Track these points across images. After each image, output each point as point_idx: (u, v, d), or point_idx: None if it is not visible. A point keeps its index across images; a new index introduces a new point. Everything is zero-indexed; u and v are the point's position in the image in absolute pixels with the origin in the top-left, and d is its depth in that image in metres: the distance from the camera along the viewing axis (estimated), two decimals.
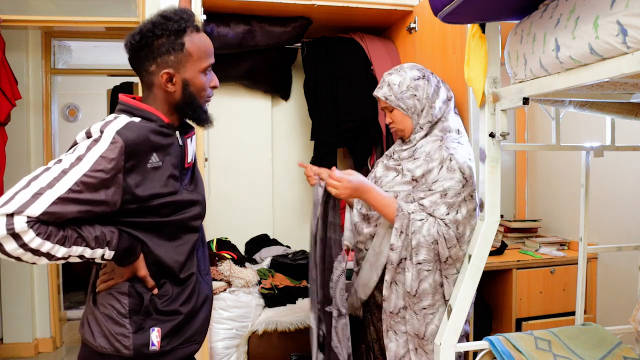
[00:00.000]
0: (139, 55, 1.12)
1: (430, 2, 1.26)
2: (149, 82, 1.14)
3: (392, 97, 1.61)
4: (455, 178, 1.50)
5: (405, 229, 1.49)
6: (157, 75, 1.11)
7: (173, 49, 1.10)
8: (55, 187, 0.95)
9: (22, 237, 0.91)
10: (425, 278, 1.50)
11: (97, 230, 1.02)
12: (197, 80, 1.15)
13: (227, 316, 2.11)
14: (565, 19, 1.06)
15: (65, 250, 0.97)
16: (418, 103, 1.60)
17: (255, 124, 2.77)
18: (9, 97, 2.48)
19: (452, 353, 1.42)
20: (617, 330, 1.65)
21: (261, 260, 2.61)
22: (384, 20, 2.39)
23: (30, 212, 0.91)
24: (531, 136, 2.88)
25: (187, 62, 1.12)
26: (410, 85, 1.60)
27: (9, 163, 2.62)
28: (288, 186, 2.87)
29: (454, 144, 1.56)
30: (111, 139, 1.01)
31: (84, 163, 0.98)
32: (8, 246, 0.90)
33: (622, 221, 2.25)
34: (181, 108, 1.16)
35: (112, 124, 1.05)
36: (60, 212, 0.94)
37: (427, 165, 1.56)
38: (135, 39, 1.10)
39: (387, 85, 1.63)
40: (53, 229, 0.94)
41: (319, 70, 2.45)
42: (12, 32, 2.77)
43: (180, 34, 1.11)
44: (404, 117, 1.62)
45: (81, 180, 0.96)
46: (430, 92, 1.61)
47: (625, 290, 2.19)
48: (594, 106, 1.56)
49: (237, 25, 2.24)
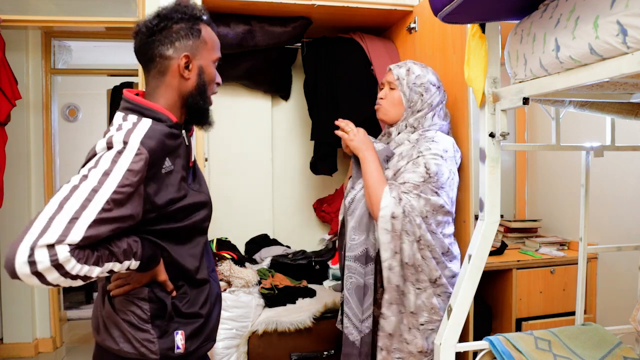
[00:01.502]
0: (153, 40, 1.08)
1: (430, 2, 1.26)
2: (162, 69, 1.09)
3: (403, 81, 1.65)
4: (417, 172, 1.55)
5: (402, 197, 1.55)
6: (175, 59, 1.08)
7: (191, 34, 1.09)
8: (89, 208, 0.90)
9: (64, 267, 0.86)
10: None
11: (124, 244, 0.99)
12: (210, 69, 1.14)
13: (227, 316, 2.11)
14: (565, 19, 1.06)
15: (99, 269, 0.94)
16: (420, 103, 1.62)
17: (255, 124, 2.77)
18: (9, 97, 2.48)
19: (452, 353, 1.42)
20: (617, 330, 1.65)
21: (261, 260, 2.61)
22: (384, 20, 2.39)
23: (71, 240, 0.87)
24: (531, 136, 2.88)
25: (203, 49, 1.11)
26: (424, 83, 1.64)
27: (9, 163, 2.62)
28: (288, 186, 2.87)
29: (427, 143, 1.59)
30: (136, 151, 0.97)
31: (112, 179, 0.94)
32: (50, 276, 0.86)
33: (622, 221, 2.25)
34: (193, 99, 1.13)
35: (135, 133, 1.01)
36: (96, 235, 0.91)
37: (397, 165, 1.61)
38: (153, 22, 1.08)
39: (407, 70, 1.66)
40: (89, 252, 0.91)
41: (319, 70, 2.45)
42: (12, 32, 2.77)
43: (197, 21, 1.11)
44: (399, 104, 1.66)
45: (111, 198, 0.93)
46: (434, 103, 1.64)
47: (625, 290, 2.19)
48: (594, 106, 1.56)
49: (237, 25, 2.24)
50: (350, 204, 1.64)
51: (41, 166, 3.03)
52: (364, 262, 1.61)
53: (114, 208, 0.93)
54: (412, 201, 1.53)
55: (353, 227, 1.62)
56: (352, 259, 1.61)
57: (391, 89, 1.67)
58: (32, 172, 3.00)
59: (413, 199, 1.53)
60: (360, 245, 1.61)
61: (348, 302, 1.61)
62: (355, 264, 1.60)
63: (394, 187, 1.54)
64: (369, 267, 1.61)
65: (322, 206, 2.84)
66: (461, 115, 1.85)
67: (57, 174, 3.17)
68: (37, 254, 0.84)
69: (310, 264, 2.54)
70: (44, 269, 0.84)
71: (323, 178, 2.80)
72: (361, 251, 1.61)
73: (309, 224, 2.88)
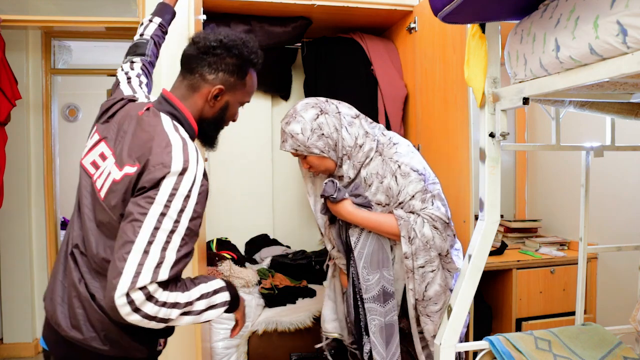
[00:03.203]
0: (204, 58, 1.12)
1: (430, 2, 1.26)
2: (195, 85, 1.13)
3: (301, 147, 1.53)
4: (413, 180, 1.51)
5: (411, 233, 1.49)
6: (210, 85, 1.13)
7: (237, 73, 1.14)
8: (169, 250, 0.97)
9: (154, 296, 0.94)
10: (433, 280, 1.50)
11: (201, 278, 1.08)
12: (234, 109, 1.20)
13: (227, 316, 2.11)
14: (565, 19, 1.06)
15: (188, 294, 1.01)
16: (329, 140, 1.53)
17: (255, 124, 2.77)
18: (9, 97, 2.48)
19: (452, 353, 1.42)
20: (617, 330, 1.65)
21: (261, 260, 2.61)
22: (384, 20, 2.39)
23: (160, 279, 0.94)
24: (531, 136, 2.88)
25: (239, 90, 1.17)
26: (313, 127, 1.52)
27: (9, 163, 2.62)
28: (288, 186, 2.87)
29: (392, 151, 1.55)
30: (200, 186, 1.02)
31: (186, 215, 0.99)
32: (147, 309, 0.94)
33: (622, 221, 2.25)
34: (207, 125, 1.18)
35: (199, 158, 1.04)
36: (179, 269, 0.98)
37: (382, 185, 1.54)
38: (213, 44, 1.12)
39: (291, 137, 1.54)
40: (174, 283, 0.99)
41: (319, 70, 2.45)
42: (12, 32, 2.77)
43: (249, 65, 1.17)
44: (322, 159, 1.56)
45: (186, 234, 0.99)
46: (336, 122, 1.55)
47: (625, 290, 2.19)
48: (594, 106, 1.56)
49: (237, 25, 2.24)
50: (355, 245, 1.57)
51: (41, 166, 3.03)
52: (382, 302, 1.55)
53: (189, 242, 1.00)
54: (433, 211, 1.49)
55: (364, 267, 1.56)
56: (371, 300, 1.55)
57: (303, 158, 1.58)
58: (32, 172, 3.00)
59: (432, 209, 1.49)
60: (376, 284, 1.55)
61: (375, 346, 1.54)
62: (374, 305, 1.55)
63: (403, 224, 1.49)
64: (388, 305, 1.55)
65: None
66: (461, 115, 1.85)
67: (57, 174, 3.16)
68: (132, 294, 0.93)
69: (310, 264, 2.54)
70: (140, 304, 0.93)
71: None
72: (378, 291, 1.55)
73: (309, 224, 2.88)
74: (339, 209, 1.55)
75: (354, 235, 1.58)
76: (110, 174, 1.06)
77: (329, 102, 1.59)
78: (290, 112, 1.58)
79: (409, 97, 2.35)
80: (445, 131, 1.99)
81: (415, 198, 1.50)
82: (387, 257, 1.55)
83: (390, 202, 1.54)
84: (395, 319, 1.56)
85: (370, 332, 1.55)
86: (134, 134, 1.07)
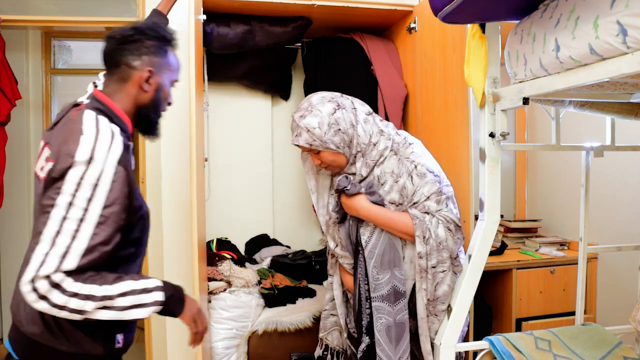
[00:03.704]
0: (124, 47, 1.16)
1: (430, 2, 1.26)
2: (124, 76, 1.17)
3: (317, 142, 1.48)
4: (429, 181, 1.50)
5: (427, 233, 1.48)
6: (139, 70, 1.16)
7: (159, 52, 1.19)
8: (78, 239, 0.98)
9: (61, 285, 0.95)
10: (442, 280, 1.49)
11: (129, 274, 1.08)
12: (167, 88, 1.24)
13: (227, 316, 2.11)
14: (565, 19, 1.06)
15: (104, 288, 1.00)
16: (345, 136, 1.50)
17: (255, 124, 2.77)
18: (9, 97, 2.48)
19: (452, 353, 1.42)
20: (617, 330, 1.65)
21: (261, 260, 2.61)
22: (384, 20, 2.39)
23: (66, 268, 0.96)
24: (531, 136, 2.88)
25: (165, 69, 1.21)
26: (330, 122, 1.48)
27: (9, 163, 2.62)
28: (288, 186, 2.87)
29: (409, 150, 1.54)
30: (113, 174, 1.02)
31: (96, 203, 1.00)
32: (55, 299, 0.95)
33: (622, 221, 2.25)
34: (146, 111, 1.20)
35: (111, 151, 1.04)
36: (91, 260, 0.98)
37: (396, 185, 1.53)
38: (128, 32, 1.17)
39: (307, 131, 1.48)
40: (90, 274, 0.99)
41: (319, 70, 2.45)
42: (12, 32, 2.77)
43: (168, 43, 1.22)
44: (336, 155, 1.52)
45: (99, 223, 0.99)
46: (352, 118, 1.52)
47: (625, 290, 2.19)
48: (594, 106, 1.56)
49: (237, 25, 2.24)
50: (367, 243, 1.55)
51: None
52: (392, 301, 1.52)
53: (106, 230, 1.01)
54: (448, 213, 1.48)
55: (375, 267, 1.53)
56: (380, 299, 1.52)
57: (316, 153, 1.54)
58: (32, 172, 3.00)
59: (446, 211, 1.49)
60: (386, 284, 1.52)
61: (380, 344, 1.52)
62: (383, 304, 1.52)
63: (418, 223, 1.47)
64: (399, 305, 1.52)
65: None
66: (461, 115, 1.85)
67: None
68: (36, 283, 0.95)
69: (310, 264, 2.54)
70: (45, 292, 0.95)
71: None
72: (388, 290, 1.52)
73: (309, 224, 2.88)
74: (353, 203, 1.53)
75: (365, 233, 1.55)
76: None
77: (344, 97, 1.57)
78: (304, 105, 1.53)
79: (409, 97, 2.35)
80: (445, 131, 1.99)
81: (431, 199, 1.49)
82: (398, 257, 1.53)
83: (404, 201, 1.52)
84: (406, 318, 1.53)
85: (375, 330, 1.53)
86: (58, 133, 1.10)
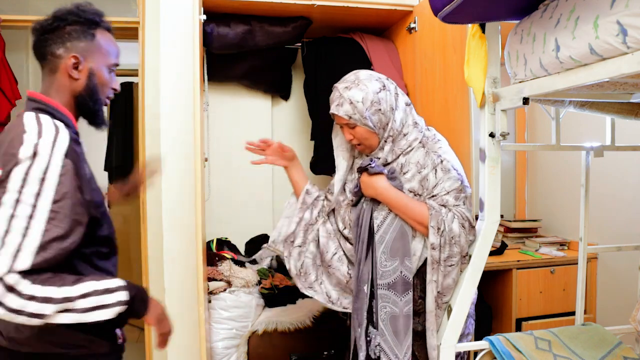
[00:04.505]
0: (46, 37, 1.12)
1: (430, 2, 1.26)
2: (53, 67, 1.12)
3: (356, 116, 1.49)
4: (452, 177, 1.50)
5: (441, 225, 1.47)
6: (64, 59, 1.11)
7: (84, 37, 1.13)
8: (30, 236, 0.94)
9: (16, 288, 0.91)
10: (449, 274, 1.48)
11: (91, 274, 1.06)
12: (102, 73, 1.16)
13: (227, 316, 2.11)
14: (565, 19, 1.06)
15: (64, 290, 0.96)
16: (383, 117, 1.51)
17: (255, 124, 2.77)
18: (9, 97, 2.48)
19: (452, 353, 1.42)
20: (617, 330, 1.65)
21: (261, 260, 2.61)
22: (384, 20, 2.39)
23: (19, 268, 0.92)
24: (531, 136, 2.88)
25: (95, 53, 1.14)
26: (373, 99, 1.49)
27: None
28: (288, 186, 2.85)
29: (437, 145, 1.55)
30: (60, 167, 0.99)
31: (45, 199, 0.96)
32: (10, 302, 0.91)
33: (622, 221, 2.25)
34: (83, 99, 1.15)
35: (57, 145, 1.01)
36: (47, 257, 0.95)
37: (419, 175, 1.53)
38: (48, 21, 1.12)
39: (349, 103, 1.49)
40: (47, 275, 0.95)
41: (319, 71, 2.45)
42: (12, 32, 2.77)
43: (93, 26, 1.15)
44: (370, 133, 1.53)
45: (50, 218, 0.96)
46: (393, 102, 1.53)
47: (625, 290, 2.20)
48: (594, 106, 1.56)
49: (237, 25, 2.24)
50: (378, 228, 1.53)
51: None
52: (400, 291, 1.50)
53: (59, 225, 0.97)
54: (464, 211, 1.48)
55: (384, 253, 1.51)
56: (386, 287, 1.50)
57: (351, 127, 1.54)
58: None
59: (463, 208, 1.48)
60: (393, 271, 1.50)
61: (383, 334, 1.50)
62: (389, 292, 1.50)
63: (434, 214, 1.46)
64: (407, 296, 1.50)
65: None
66: (461, 115, 1.85)
67: None
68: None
69: None
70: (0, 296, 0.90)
71: (323, 178, 2.80)
72: (394, 278, 1.50)
73: None
74: (373, 182, 1.52)
75: (378, 217, 1.54)
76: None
77: (389, 81, 1.58)
78: (351, 78, 1.54)
79: (409, 97, 2.35)
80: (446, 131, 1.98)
81: (450, 194, 1.49)
82: (408, 247, 1.52)
83: (424, 193, 1.53)
84: (411, 312, 1.51)
85: (379, 319, 1.50)
86: (1, 142, 1.06)
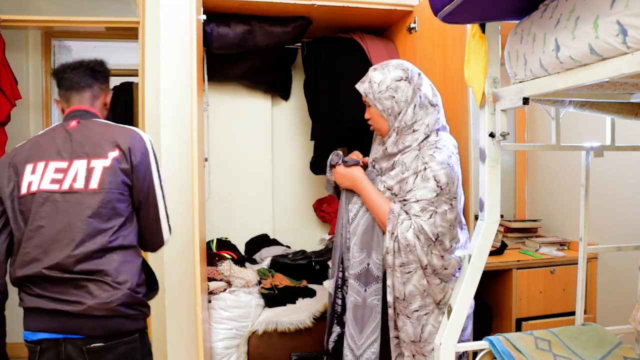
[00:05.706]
0: (99, 73, 1.58)
1: (430, 2, 1.26)
2: (98, 94, 1.58)
3: (370, 95, 1.57)
4: (428, 187, 1.48)
5: (395, 230, 1.49)
6: (105, 92, 1.61)
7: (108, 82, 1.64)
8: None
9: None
10: (408, 280, 1.49)
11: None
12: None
13: (227, 316, 2.11)
14: (565, 19, 1.06)
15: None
16: (396, 105, 1.54)
17: (255, 124, 2.77)
18: (9, 97, 2.48)
19: (452, 353, 1.42)
20: (617, 330, 1.65)
21: (261, 260, 2.61)
22: (384, 20, 2.39)
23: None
24: (531, 136, 2.88)
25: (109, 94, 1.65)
26: (390, 85, 1.54)
27: None
28: (288, 186, 2.87)
29: (429, 152, 1.51)
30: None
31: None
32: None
33: (622, 221, 2.25)
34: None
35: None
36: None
37: (401, 175, 1.54)
38: (103, 64, 1.60)
39: (369, 82, 1.58)
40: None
41: (319, 71, 2.45)
42: (12, 32, 2.77)
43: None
44: (379, 117, 1.58)
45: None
46: (411, 95, 1.55)
47: (625, 290, 2.19)
48: (594, 106, 1.56)
49: (237, 25, 2.24)
50: (352, 220, 1.57)
51: None
52: (363, 282, 1.53)
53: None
54: (424, 223, 1.46)
55: (355, 244, 1.56)
56: (353, 277, 1.54)
57: (368, 106, 1.61)
58: None
59: (424, 222, 1.46)
60: (359, 263, 1.54)
61: (347, 323, 1.54)
62: (354, 282, 1.53)
63: (392, 218, 1.49)
64: (371, 288, 1.52)
65: (322, 206, 2.84)
66: (461, 115, 1.85)
67: None
68: None
69: (310, 264, 2.54)
70: None
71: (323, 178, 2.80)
72: (360, 269, 1.54)
73: (309, 224, 2.88)
74: (350, 172, 1.61)
75: (352, 210, 1.60)
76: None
77: (420, 77, 1.60)
78: (384, 62, 1.63)
79: None
80: None
81: (419, 203, 1.48)
82: (377, 240, 1.54)
83: (398, 194, 1.54)
84: (376, 304, 1.52)
85: (347, 308, 1.55)
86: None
